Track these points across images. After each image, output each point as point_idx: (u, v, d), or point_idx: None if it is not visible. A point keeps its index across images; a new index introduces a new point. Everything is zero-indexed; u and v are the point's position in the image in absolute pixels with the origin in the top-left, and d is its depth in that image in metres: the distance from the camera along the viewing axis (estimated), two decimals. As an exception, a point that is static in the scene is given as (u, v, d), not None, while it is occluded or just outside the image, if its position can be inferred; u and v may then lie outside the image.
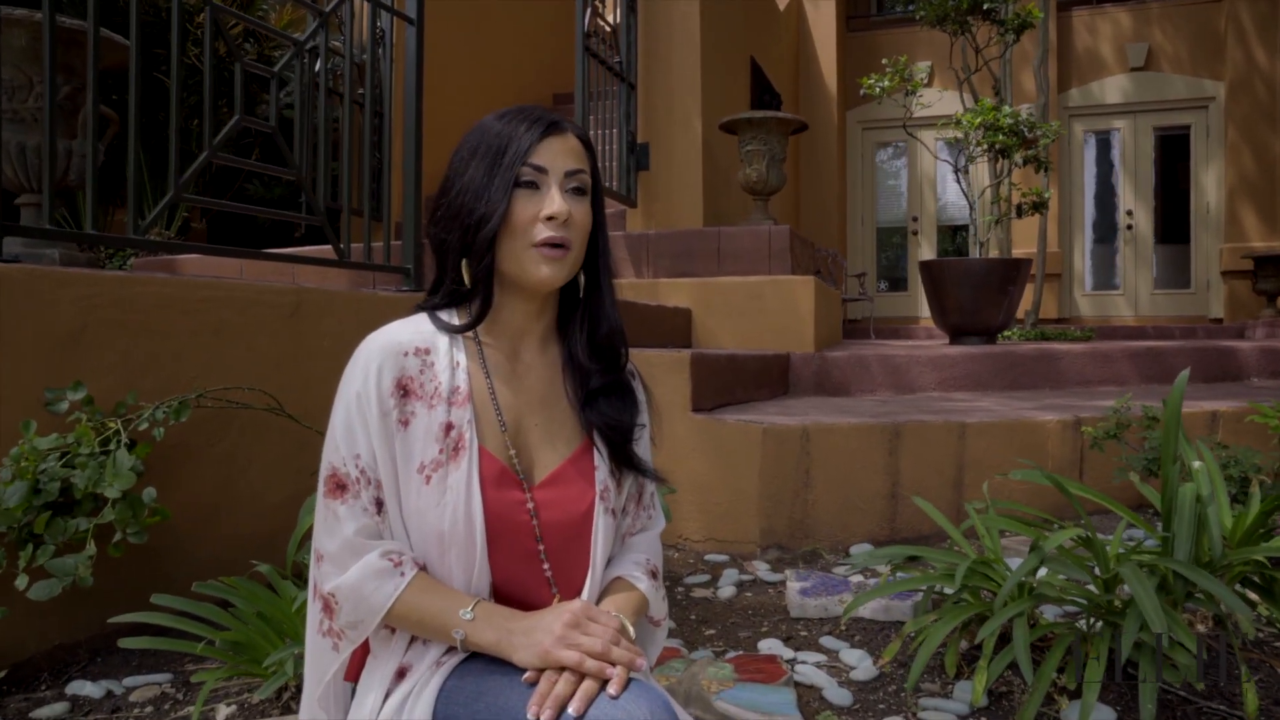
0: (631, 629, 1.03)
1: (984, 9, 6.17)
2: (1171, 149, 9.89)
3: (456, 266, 1.08)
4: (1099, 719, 1.67)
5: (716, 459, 3.00)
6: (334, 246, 2.84)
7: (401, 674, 1.04)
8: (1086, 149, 10.05)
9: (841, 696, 1.83)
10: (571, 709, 0.88)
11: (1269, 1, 9.20)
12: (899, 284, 10.77)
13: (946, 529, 2.09)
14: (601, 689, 0.91)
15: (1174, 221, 9.86)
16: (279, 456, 2.34)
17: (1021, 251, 9.05)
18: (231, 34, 5.71)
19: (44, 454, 1.74)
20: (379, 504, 1.04)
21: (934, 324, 6.43)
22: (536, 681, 0.93)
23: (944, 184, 10.48)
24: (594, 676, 0.92)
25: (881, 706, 1.81)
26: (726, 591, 2.54)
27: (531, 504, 1.07)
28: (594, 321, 1.13)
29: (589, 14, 5.04)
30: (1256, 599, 1.91)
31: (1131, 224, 9.84)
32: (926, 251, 10.40)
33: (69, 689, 1.80)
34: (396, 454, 1.03)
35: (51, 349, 1.91)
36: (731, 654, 2.06)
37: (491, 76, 6.74)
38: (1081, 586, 1.84)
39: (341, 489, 1.03)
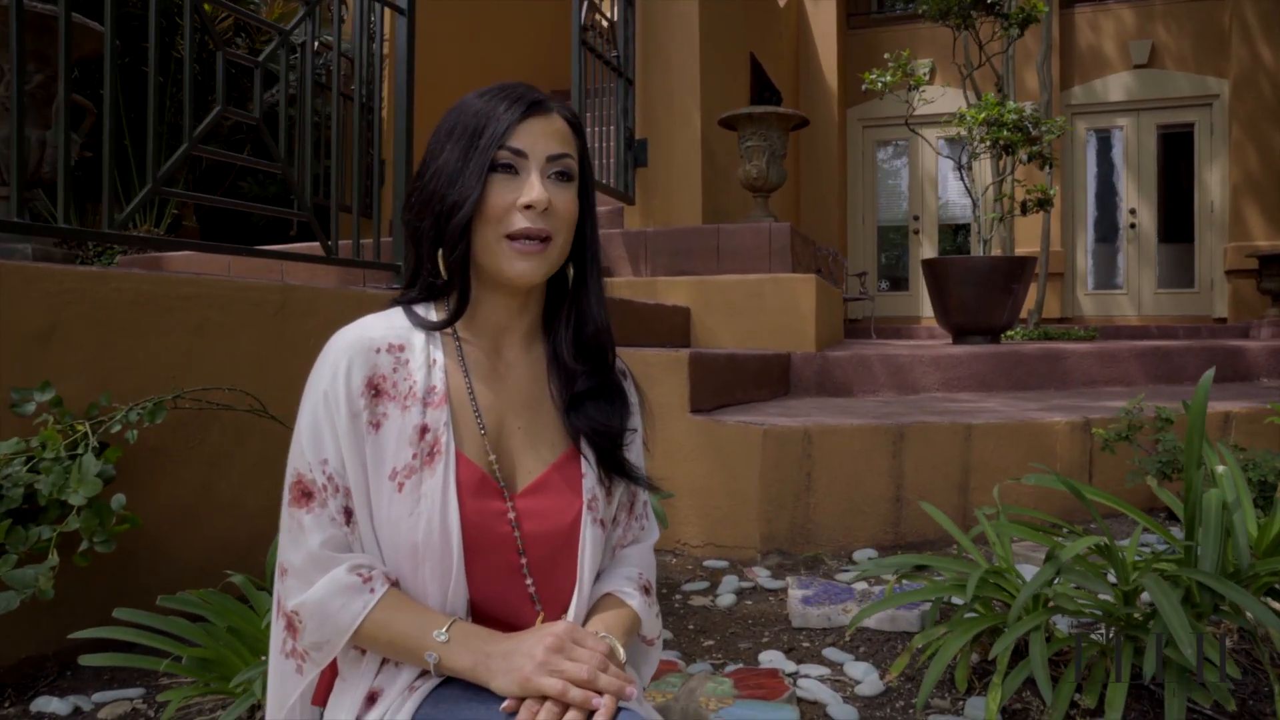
0: (622, 651, 0.95)
1: (988, 2, 6.08)
2: (1175, 147, 9.80)
3: (432, 256, 0.99)
4: (1119, 738, 1.58)
5: (716, 461, 2.91)
6: (321, 243, 2.76)
7: (372, 699, 0.96)
8: (1089, 147, 9.97)
9: (846, 713, 1.74)
10: (552, 744, 0.80)
11: (1274, -2, 9.12)
12: (900, 283, 10.69)
13: (954, 535, 2.01)
14: (588, 720, 0.82)
15: (1177, 220, 9.77)
16: (260, 459, 2.26)
17: (1024, 250, 8.97)
18: (221, 26, 5.62)
19: (7, 459, 1.66)
20: (348, 513, 0.95)
21: (936, 323, 6.35)
22: (516, 711, 0.85)
23: (945, 183, 10.40)
24: (578, 707, 0.83)
25: (889, 723, 1.73)
26: (726, 599, 2.45)
27: (513, 514, 0.98)
28: (579, 320, 1.04)
29: (586, 8, 4.96)
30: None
31: (1135, 223, 9.76)
32: (928, 250, 10.31)
33: (34, 705, 1.72)
34: (367, 459, 0.95)
35: (19, 348, 1.82)
36: (731, 667, 1.97)
37: (487, 71, 6.66)
38: (1097, 597, 1.75)
39: (307, 497, 0.95)
